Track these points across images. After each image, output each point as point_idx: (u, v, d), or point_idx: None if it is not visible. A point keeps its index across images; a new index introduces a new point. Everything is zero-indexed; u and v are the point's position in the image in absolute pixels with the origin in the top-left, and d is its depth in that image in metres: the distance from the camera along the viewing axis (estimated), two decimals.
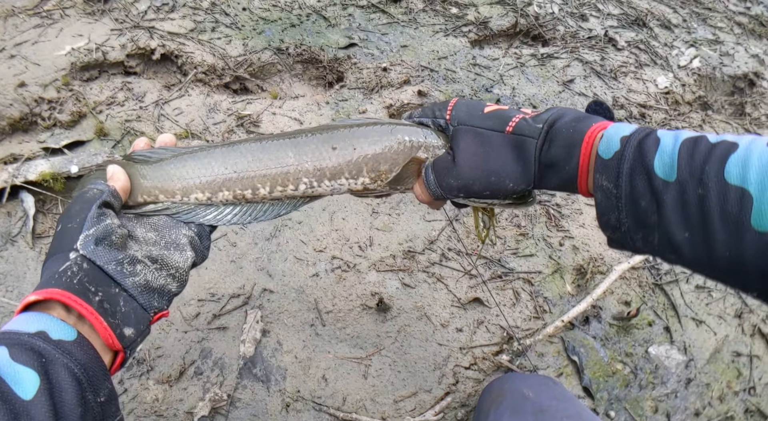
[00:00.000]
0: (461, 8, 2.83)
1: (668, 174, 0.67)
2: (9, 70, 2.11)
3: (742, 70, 2.81)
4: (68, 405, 0.65)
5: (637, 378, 1.65)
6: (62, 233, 0.80)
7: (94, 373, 0.70)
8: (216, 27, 2.47)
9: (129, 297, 0.78)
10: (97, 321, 0.73)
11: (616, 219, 0.73)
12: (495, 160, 0.83)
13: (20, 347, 0.66)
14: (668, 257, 0.71)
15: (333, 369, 1.53)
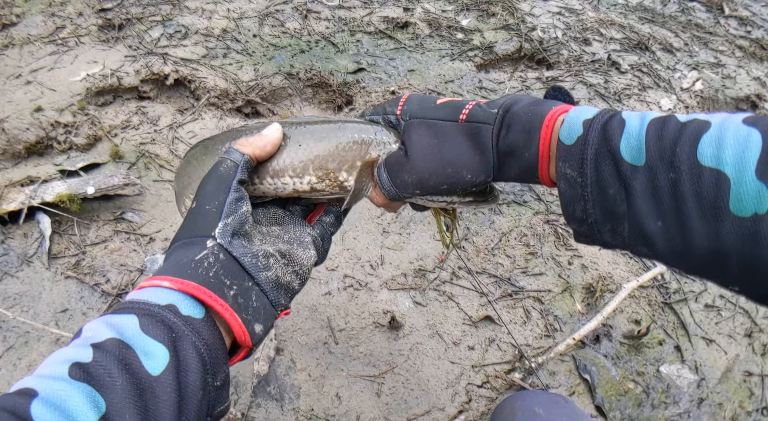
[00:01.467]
0: (467, 33, 2.89)
1: (636, 158, 0.61)
2: (25, 96, 2.15)
3: (745, 92, 2.85)
4: (191, 387, 0.62)
5: (650, 397, 1.65)
6: (199, 215, 0.75)
7: (216, 355, 0.67)
8: (227, 53, 2.52)
9: (261, 292, 0.74)
10: (232, 317, 0.70)
11: (582, 210, 0.67)
12: (450, 150, 0.77)
13: (151, 318, 0.63)
14: (640, 249, 0.64)
15: (346, 387, 1.54)
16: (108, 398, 0.54)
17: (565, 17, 3.18)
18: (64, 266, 1.70)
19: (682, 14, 3.50)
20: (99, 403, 0.53)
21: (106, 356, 0.57)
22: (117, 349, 0.58)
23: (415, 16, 2.94)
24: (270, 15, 2.79)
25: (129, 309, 0.64)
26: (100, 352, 0.57)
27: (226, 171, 0.78)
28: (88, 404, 0.52)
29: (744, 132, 0.55)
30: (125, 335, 0.60)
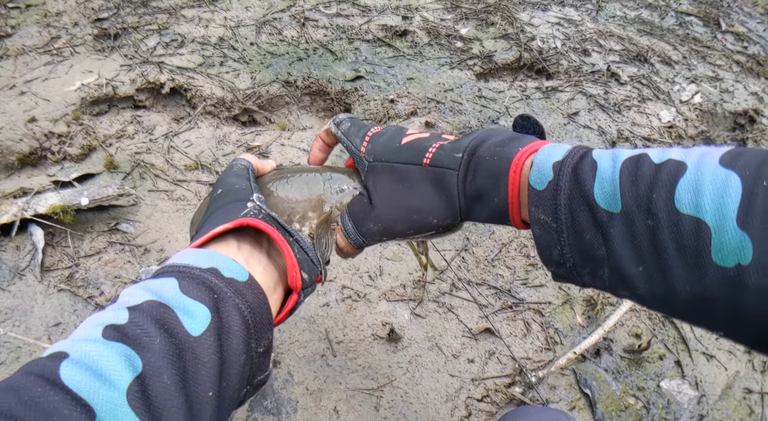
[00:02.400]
0: (466, 42, 2.88)
1: (611, 204, 0.59)
2: (19, 107, 2.13)
3: (742, 106, 2.85)
4: (234, 350, 0.59)
5: (650, 413, 1.63)
6: (230, 192, 0.78)
7: (260, 319, 0.65)
8: (224, 61, 2.50)
9: (301, 248, 0.74)
10: (286, 249, 0.70)
11: (559, 254, 0.65)
12: (415, 196, 0.76)
13: (191, 280, 0.61)
14: (621, 292, 0.62)
15: (344, 401, 1.51)
16: (145, 358, 0.51)
17: (564, 28, 3.19)
18: (57, 278, 1.66)
19: (679, 28, 3.51)
20: (135, 362, 0.51)
21: (142, 315, 0.55)
22: (155, 309, 0.56)
23: (413, 24, 2.94)
24: (267, 23, 2.78)
25: (168, 273, 0.62)
26: (137, 312, 0.55)
27: (239, 169, 0.84)
28: (122, 364, 0.50)
29: (722, 176, 0.53)
30: (164, 296, 0.58)
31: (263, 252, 0.74)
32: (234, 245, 0.72)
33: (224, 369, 0.58)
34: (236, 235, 0.74)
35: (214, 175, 2.01)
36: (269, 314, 0.67)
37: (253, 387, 0.68)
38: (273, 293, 0.72)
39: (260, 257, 0.73)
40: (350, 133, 0.87)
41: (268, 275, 0.72)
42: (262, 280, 0.69)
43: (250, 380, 0.66)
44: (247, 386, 0.66)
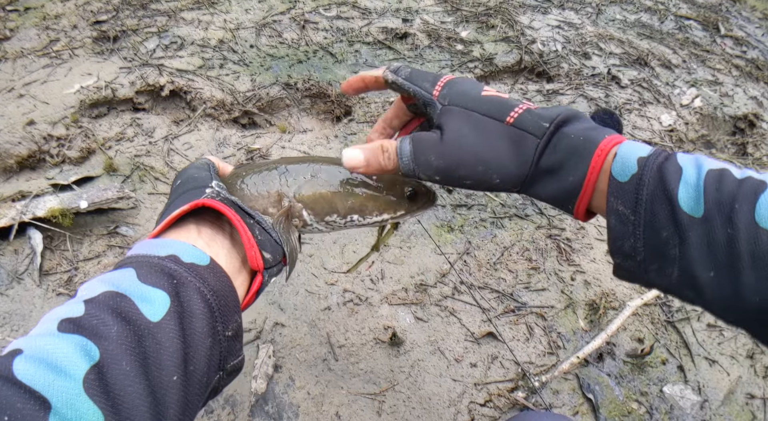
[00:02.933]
0: (466, 45, 2.87)
1: (694, 209, 0.60)
2: (18, 110, 2.12)
3: (742, 110, 2.84)
4: (198, 333, 0.59)
5: (653, 419, 1.62)
6: (188, 181, 0.77)
7: (225, 302, 0.64)
8: (224, 64, 2.49)
9: (263, 230, 0.74)
10: (243, 229, 0.69)
11: (631, 247, 0.65)
12: (488, 149, 0.73)
13: (149, 267, 0.60)
14: (686, 293, 0.63)
15: (346, 406, 1.49)
16: (102, 346, 0.51)
17: (565, 31, 3.18)
18: (56, 282, 1.65)
19: (679, 32, 3.51)
20: (91, 351, 0.50)
21: (99, 306, 0.54)
22: (111, 299, 0.55)
23: (414, 27, 2.93)
24: (267, 26, 2.77)
25: (126, 264, 0.62)
26: (93, 304, 0.55)
27: (200, 163, 0.84)
28: (78, 353, 0.49)
29: None
30: (121, 286, 0.58)
31: (226, 236, 0.74)
32: (194, 230, 0.71)
33: (189, 353, 0.57)
34: (196, 220, 0.73)
35: None
36: (234, 296, 0.67)
37: (227, 373, 0.67)
38: (238, 276, 0.71)
39: (223, 240, 0.72)
40: (415, 77, 0.83)
41: (232, 258, 0.71)
42: (226, 263, 0.69)
43: (221, 365, 0.65)
44: (219, 372, 0.65)
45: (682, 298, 0.65)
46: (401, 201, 0.86)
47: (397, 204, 0.86)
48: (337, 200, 0.84)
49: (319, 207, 0.84)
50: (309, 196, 0.83)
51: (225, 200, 0.73)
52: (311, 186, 0.83)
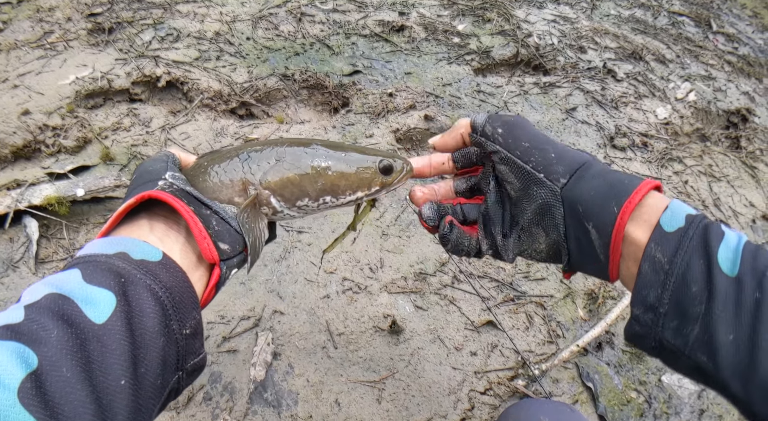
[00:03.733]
0: (463, 38, 2.87)
1: (730, 269, 0.61)
2: (12, 100, 2.10)
3: (735, 105, 2.86)
4: (148, 333, 0.56)
5: (652, 408, 1.62)
6: (143, 175, 0.74)
7: (180, 298, 0.61)
8: (221, 55, 2.48)
9: (221, 220, 0.71)
10: (191, 219, 0.66)
11: (657, 297, 0.65)
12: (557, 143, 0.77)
13: (96, 267, 0.58)
14: (698, 356, 0.62)
15: (346, 393, 1.49)
16: (41, 352, 0.48)
17: (560, 25, 3.19)
18: (52, 270, 1.63)
19: (672, 27, 3.53)
20: (29, 358, 0.47)
21: (39, 311, 0.51)
22: (52, 302, 0.53)
23: (410, 20, 2.93)
24: (263, 18, 2.76)
25: (73, 265, 0.59)
26: (33, 309, 0.52)
27: (158, 156, 0.80)
28: (13, 361, 0.46)
29: None
30: (65, 288, 0.55)
31: (181, 229, 0.70)
32: (146, 225, 0.68)
33: (138, 355, 0.55)
34: (149, 215, 0.70)
35: None
36: (191, 292, 0.64)
37: (187, 373, 0.64)
38: (195, 271, 0.68)
39: (177, 235, 0.69)
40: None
41: (187, 252, 0.68)
42: (181, 258, 0.66)
43: (180, 365, 0.62)
44: (178, 372, 0.63)
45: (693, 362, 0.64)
46: (375, 176, 0.83)
47: (370, 179, 0.83)
48: (306, 183, 0.80)
49: (288, 192, 0.79)
50: (276, 182, 0.79)
51: (178, 192, 0.70)
52: (277, 171, 0.79)
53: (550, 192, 0.73)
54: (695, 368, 0.64)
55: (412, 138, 2.23)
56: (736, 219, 2.26)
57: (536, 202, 0.75)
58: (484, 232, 0.82)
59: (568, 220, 0.73)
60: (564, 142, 2.37)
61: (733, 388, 0.60)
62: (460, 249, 0.82)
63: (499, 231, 0.81)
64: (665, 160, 2.43)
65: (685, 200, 2.23)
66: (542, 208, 0.74)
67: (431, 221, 0.83)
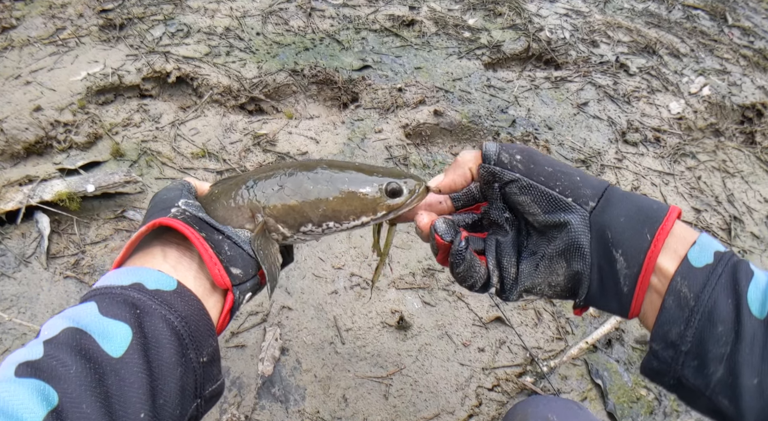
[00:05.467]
0: (474, 32, 2.86)
1: (759, 310, 0.59)
2: (24, 96, 2.12)
3: (750, 100, 2.82)
4: (165, 364, 0.57)
5: (662, 405, 1.60)
6: (156, 204, 0.74)
7: (197, 327, 0.62)
8: (230, 51, 2.48)
9: (234, 244, 0.71)
10: (202, 246, 0.66)
11: (679, 334, 0.62)
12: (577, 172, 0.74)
13: (111, 299, 0.58)
14: (719, 400, 0.60)
15: (353, 389, 1.49)
16: (60, 389, 0.48)
17: (572, 19, 3.16)
18: (63, 265, 1.65)
19: (687, 21, 3.49)
20: (50, 396, 0.48)
21: (58, 347, 0.52)
22: (70, 338, 0.53)
23: (421, 14, 2.92)
24: (273, 13, 2.76)
25: (89, 297, 0.60)
26: (52, 345, 0.52)
27: (174, 185, 0.81)
28: (35, 399, 0.47)
29: None
30: (82, 322, 0.55)
31: (194, 257, 0.70)
32: (159, 254, 0.68)
33: (156, 386, 0.55)
34: (161, 243, 0.70)
35: (221, 163, 1.99)
36: (207, 319, 0.64)
37: (205, 400, 0.65)
38: (210, 297, 0.68)
39: (190, 262, 0.69)
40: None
41: (201, 279, 0.68)
42: (195, 285, 0.66)
43: (198, 392, 0.62)
44: (197, 400, 0.63)
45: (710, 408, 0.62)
46: (379, 199, 0.80)
47: (375, 203, 0.80)
48: (308, 209, 0.79)
49: (290, 219, 0.79)
50: (279, 209, 0.78)
51: (190, 218, 0.70)
52: (279, 198, 0.78)
53: (579, 218, 0.70)
54: (715, 411, 0.62)
55: (422, 133, 2.22)
56: (750, 215, 2.23)
57: (564, 229, 0.70)
58: (495, 262, 0.77)
59: (594, 247, 0.69)
60: (575, 137, 2.36)
61: None
62: (470, 275, 0.76)
63: (514, 263, 0.76)
64: (678, 156, 2.41)
65: (698, 196, 2.21)
66: (570, 236, 0.70)
67: (447, 236, 0.76)
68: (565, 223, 0.70)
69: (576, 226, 0.69)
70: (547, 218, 0.72)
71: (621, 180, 2.21)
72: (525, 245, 0.77)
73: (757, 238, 2.15)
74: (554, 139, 2.33)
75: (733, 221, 2.17)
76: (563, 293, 0.74)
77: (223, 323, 0.70)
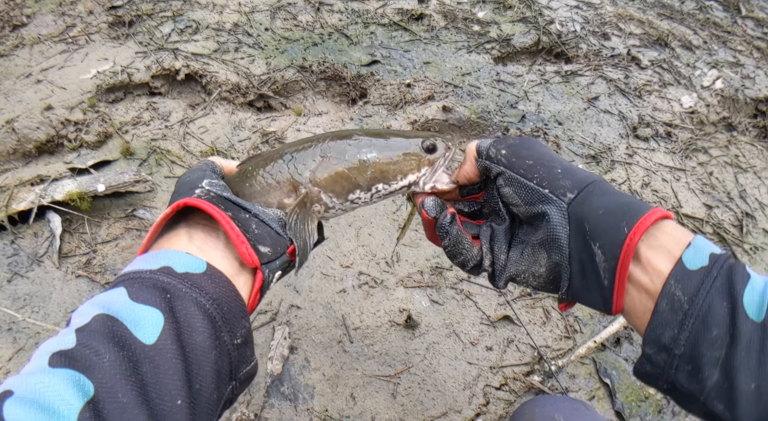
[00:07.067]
0: (483, 26, 2.84)
1: (756, 313, 0.58)
2: (35, 95, 2.13)
3: (764, 93, 2.78)
4: (200, 348, 0.56)
5: (670, 404, 1.60)
6: (181, 186, 0.74)
7: (229, 308, 0.61)
8: (239, 47, 2.48)
9: (261, 222, 0.71)
10: (228, 224, 0.65)
11: (672, 338, 0.62)
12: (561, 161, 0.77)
13: (141, 284, 0.58)
14: (714, 406, 0.60)
15: (361, 387, 1.50)
16: (96, 379, 0.48)
17: (583, 11, 3.13)
18: (75, 265, 1.66)
19: (700, 12, 3.44)
20: (85, 386, 0.48)
21: (90, 335, 0.52)
22: (102, 325, 0.53)
23: (430, 8, 2.90)
24: (282, 8, 2.76)
25: (119, 283, 0.60)
26: (84, 333, 0.52)
27: (199, 165, 0.81)
28: (71, 391, 0.47)
29: None
30: (112, 308, 0.55)
31: (220, 236, 0.69)
32: (184, 236, 0.68)
33: (192, 371, 0.55)
34: (187, 224, 0.69)
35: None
36: (239, 300, 0.64)
37: (239, 382, 0.65)
38: (239, 277, 0.68)
39: (216, 242, 0.68)
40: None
41: (229, 259, 0.68)
42: (224, 266, 0.66)
43: (233, 375, 0.62)
44: (233, 382, 0.63)
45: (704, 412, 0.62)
46: (421, 156, 0.84)
47: (417, 160, 0.83)
48: (357, 175, 0.80)
49: (338, 187, 0.80)
50: (325, 179, 0.79)
51: (214, 198, 0.69)
52: (324, 167, 0.79)
53: (556, 208, 0.71)
54: (710, 415, 0.61)
55: (431, 129, 2.22)
56: (762, 211, 2.21)
57: (544, 220, 0.72)
58: (489, 247, 0.80)
59: (573, 241, 0.70)
60: (585, 132, 2.35)
61: None
62: (459, 251, 0.80)
63: (504, 249, 0.79)
64: (689, 151, 2.39)
65: (709, 192, 2.19)
66: (548, 227, 0.72)
67: (432, 211, 0.80)
68: (544, 213, 0.72)
69: (553, 217, 0.71)
70: (528, 209, 0.75)
71: (631, 176, 2.19)
72: (516, 234, 0.81)
73: None
74: (564, 135, 2.32)
75: (745, 217, 2.15)
76: (546, 284, 0.77)
77: (253, 302, 0.69)
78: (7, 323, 1.52)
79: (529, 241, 0.76)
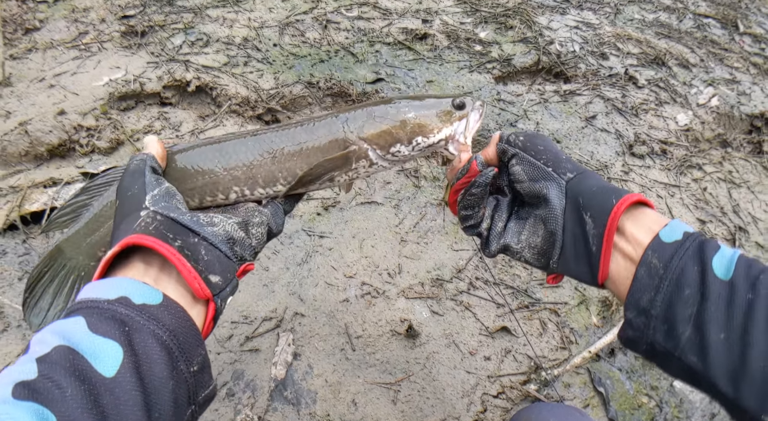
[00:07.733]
0: (485, 46, 2.91)
1: (724, 274, 0.66)
2: (48, 99, 2.19)
3: (759, 109, 2.84)
4: (158, 379, 0.58)
5: (663, 412, 1.65)
6: (124, 203, 0.75)
7: (185, 339, 0.63)
8: (248, 61, 2.55)
9: (210, 246, 0.72)
10: (180, 263, 0.67)
11: (649, 300, 0.69)
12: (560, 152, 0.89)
13: (99, 315, 0.59)
14: (689, 359, 0.66)
15: (362, 394, 1.55)
16: (58, 412, 0.50)
17: (583, 31, 3.20)
18: None
19: (697, 30, 3.51)
20: (48, 419, 0.49)
21: (52, 367, 0.53)
22: (63, 357, 0.54)
23: (433, 27, 2.97)
24: (290, 25, 2.83)
25: (77, 310, 0.61)
26: (45, 364, 0.53)
27: (135, 166, 0.79)
28: None
29: None
30: (72, 339, 0.56)
31: (173, 270, 0.71)
32: (140, 265, 0.69)
33: (151, 401, 0.57)
34: (140, 253, 0.70)
35: None
36: (194, 330, 0.66)
37: (199, 405, 0.67)
38: (194, 306, 0.70)
39: (170, 272, 0.70)
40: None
41: (182, 291, 0.69)
42: (178, 295, 0.68)
43: (192, 400, 0.65)
44: (191, 406, 0.65)
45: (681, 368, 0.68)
46: (453, 112, 0.96)
47: (449, 115, 0.96)
48: (399, 130, 0.94)
49: (383, 140, 0.93)
50: (373, 134, 0.93)
51: (162, 223, 0.70)
52: (371, 125, 0.93)
53: (556, 184, 0.82)
54: (686, 370, 0.67)
55: None
56: (755, 225, 2.27)
57: (544, 198, 0.83)
58: (490, 213, 0.92)
59: (568, 213, 0.80)
60: (583, 150, 2.41)
61: (721, 386, 0.63)
62: (477, 203, 0.91)
63: (504, 219, 0.91)
64: (684, 168, 2.45)
65: (703, 207, 2.25)
66: (548, 202, 0.82)
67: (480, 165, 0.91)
68: (545, 190, 0.83)
69: (552, 190, 0.83)
70: (531, 185, 0.86)
71: None
72: (516, 211, 0.93)
73: (762, 247, 2.18)
74: None
75: (737, 231, 2.21)
76: (539, 257, 0.87)
77: (207, 329, 0.72)
78: (17, 320, 1.57)
79: (530, 215, 0.88)
